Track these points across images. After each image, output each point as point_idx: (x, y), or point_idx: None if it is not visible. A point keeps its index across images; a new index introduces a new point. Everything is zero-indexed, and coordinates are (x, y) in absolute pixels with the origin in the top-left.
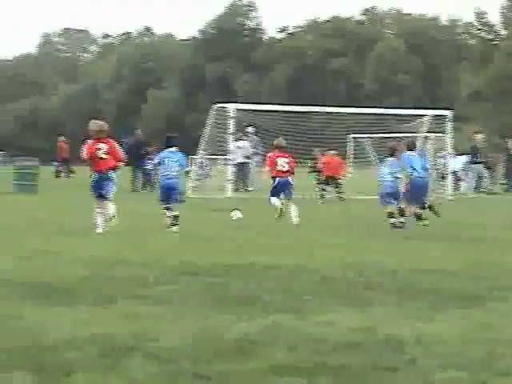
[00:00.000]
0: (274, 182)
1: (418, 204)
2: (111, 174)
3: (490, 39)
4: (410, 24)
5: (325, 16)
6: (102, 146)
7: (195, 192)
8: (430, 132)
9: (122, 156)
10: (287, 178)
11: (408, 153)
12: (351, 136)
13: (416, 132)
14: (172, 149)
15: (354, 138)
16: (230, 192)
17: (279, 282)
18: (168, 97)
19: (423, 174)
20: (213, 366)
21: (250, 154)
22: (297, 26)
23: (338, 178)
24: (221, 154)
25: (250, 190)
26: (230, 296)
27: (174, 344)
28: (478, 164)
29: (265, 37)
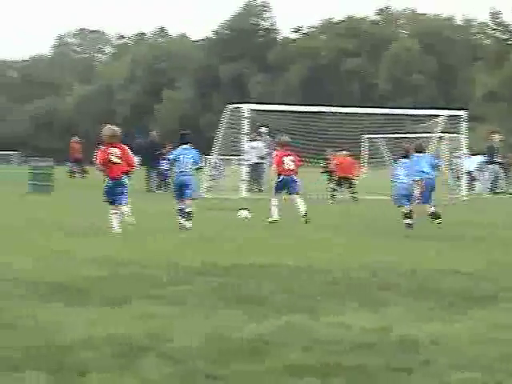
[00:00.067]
0: (279, 179)
1: (430, 203)
2: (124, 180)
3: (505, 39)
4: (424, 24)
5: (339, 16)
6: (115, 150)
7: (209, 192)
8: (445, 132)
9: (134, 161)
10: (292, 176)
11: (416, 155)
12: (365, 136)
13: (431, 132)
14: (186, 146)
15: (369, 138)
16: (244, 192)
17: (292, 283)
18: (182, 97)
19: (432, 175)
20: (227, 367)
21: (264, 154)
22: (311, 26)
23: (351, 179)
24: (235, 155)
25: (263, 190)
26: (243, 296)
27: (187, 344)
28: (494, 164)
29: (279, 37)
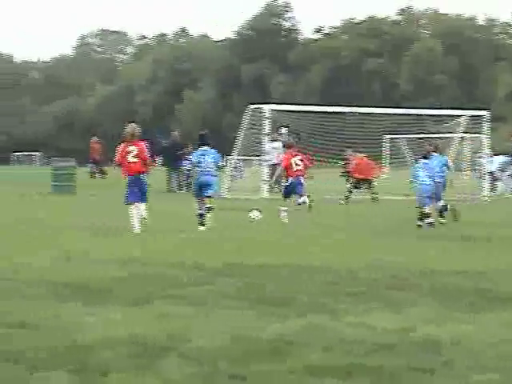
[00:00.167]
0: (287, 181)
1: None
2: (143, 177)
3: None
4: (446, 24)
5: (361, 16)
6: (132, 148)
7: (230, 192)
8: (467, 132)
9: (148, 158)
10: (299, 179)
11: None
12: (387, 137)
13: (453, 132)
14: (205, 147)
15: (390, 138)
16: (265, 192)
17: (313, 283)
18: (203, 98)
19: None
20: (248, 367)
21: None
22: (332, 27)
23: (370, 180)
24: (256, 155)
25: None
26: (264, 297)
27: (209, 344)
28: None
29: (300, 37)
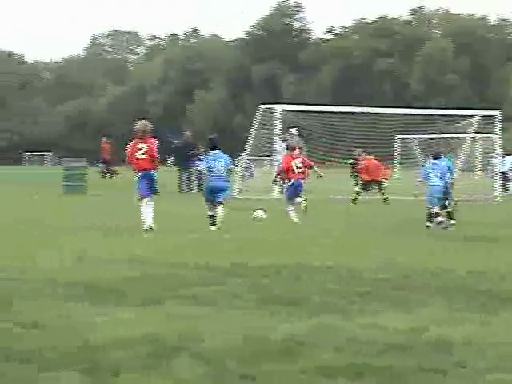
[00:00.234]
0: (289, 182)
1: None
2: (153, 173)
3: None
4: (458, 24)
5: (372, 16)
6: (142, 145)
7: (241, 193)
8: (478, 132)
9: (157, 155)
10: (300, 181)
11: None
12: (398, 137)
13: (464, 132)
14: (216, 150)
15: (401, 138)
16: (276, 193)
17: (325, 283)
18: (215, 98)
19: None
20: (258, 367)
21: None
22: (343, 27)
23: (379, 181)
24: (266, 155)
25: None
26: (275, 297)
27: (220, 344)
28: None
29: (312, 37)
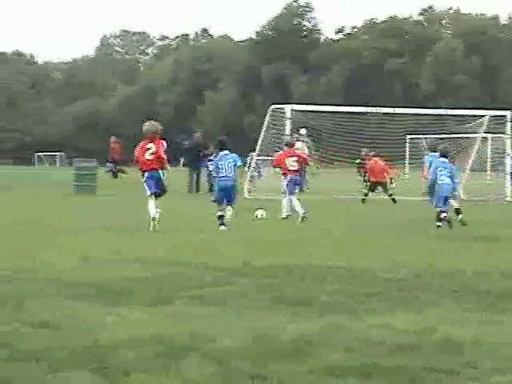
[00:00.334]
0: (287, 178)
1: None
2: (160, 173)
3: None
4: (468, 24)
5: (382, 16)
6: (151, 146)
7: (251, 193)
8: (489, 132)
9: (164, 156)
10: (296, 177)
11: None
12: (408, 137)
13: (475, 133)
14: (225, 151)
15: (411, 138)
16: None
17: (334, 283)
18: (224, 98)
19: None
20: (268, 367)
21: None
22: (354, 27)
23: (383, 183)
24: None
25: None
26: (285, 297)
27: (230, 344)
28: None
29: (321, 37)
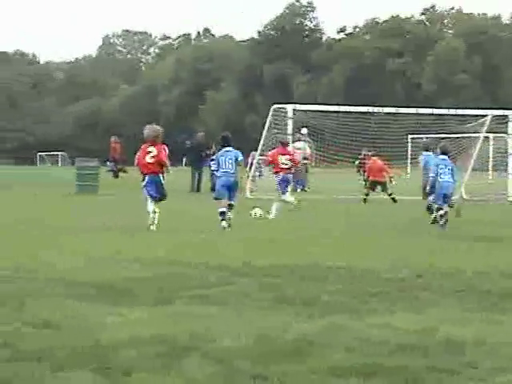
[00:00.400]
0: (280, 177)
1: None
2: (160, 177)
3: None
4: (470, 23)
5: (384, 16)
6: (152, 149)
7: (253, 192)
8: (491, 132)
9: (165, 160)
10: (288, 175)
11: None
12: (410, 137)
13: (476, 132)
14: (228, 148)
15: (413, 138)
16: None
17: (335, 283)
18: (226, 98)
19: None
20: (270, 367)
21: (307, 155)
22: (355, 26)
23: (382, 182)
24: None
25: (307, 190)
26: (286, 297)
27: (231, 344)
28: None
29: (323, 37)
